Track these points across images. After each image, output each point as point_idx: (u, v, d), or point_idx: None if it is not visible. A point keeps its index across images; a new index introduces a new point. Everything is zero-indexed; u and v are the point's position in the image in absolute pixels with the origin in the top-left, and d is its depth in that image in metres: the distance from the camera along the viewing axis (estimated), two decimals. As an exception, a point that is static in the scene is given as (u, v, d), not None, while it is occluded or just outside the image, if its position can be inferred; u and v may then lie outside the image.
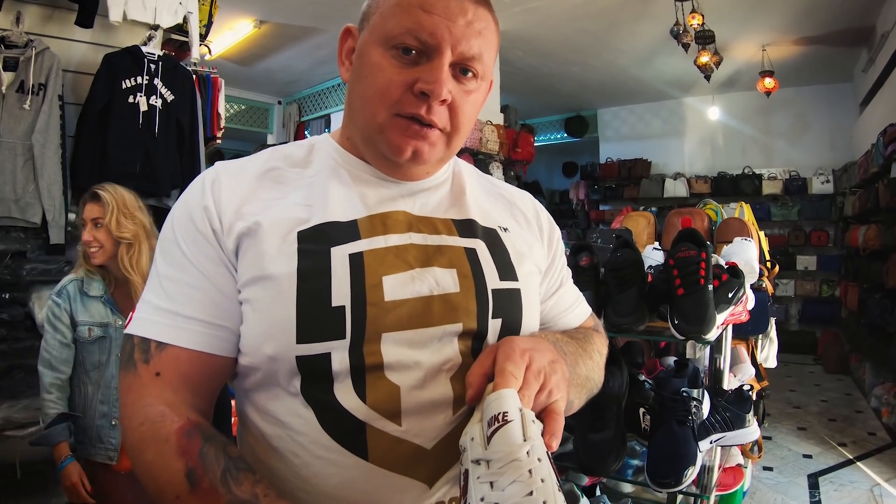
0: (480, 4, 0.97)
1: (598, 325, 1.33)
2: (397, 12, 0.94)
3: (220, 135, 3.85)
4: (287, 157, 1.08)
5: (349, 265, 0.93)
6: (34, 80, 2.99)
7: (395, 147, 0.97)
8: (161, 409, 0.90)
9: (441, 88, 0.93)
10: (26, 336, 3.01)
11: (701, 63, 6.70)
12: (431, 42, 0.93)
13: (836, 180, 8.67)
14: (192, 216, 0.97)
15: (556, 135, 11.80)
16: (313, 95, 9.27)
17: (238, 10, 6.33)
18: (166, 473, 0.85)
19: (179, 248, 0.97)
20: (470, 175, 1.19)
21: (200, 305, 0.94)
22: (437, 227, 1.03)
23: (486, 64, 0.99)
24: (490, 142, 6.80)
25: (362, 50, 0.99)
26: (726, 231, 3.05)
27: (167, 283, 0.96)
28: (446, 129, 0.99)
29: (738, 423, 2.27)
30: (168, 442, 0.86)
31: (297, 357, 0.89)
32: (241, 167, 1.04)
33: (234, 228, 0.95)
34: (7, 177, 2.91)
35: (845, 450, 5.01)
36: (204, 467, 0.84)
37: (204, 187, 0.99)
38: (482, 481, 0.71)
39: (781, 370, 4.66)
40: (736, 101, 9.40)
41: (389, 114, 0.96)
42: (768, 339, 3.27)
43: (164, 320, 0.94)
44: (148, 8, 3.38)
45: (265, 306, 0.92)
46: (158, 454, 0.86)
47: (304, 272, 0.91)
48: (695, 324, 1.94)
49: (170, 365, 0.92)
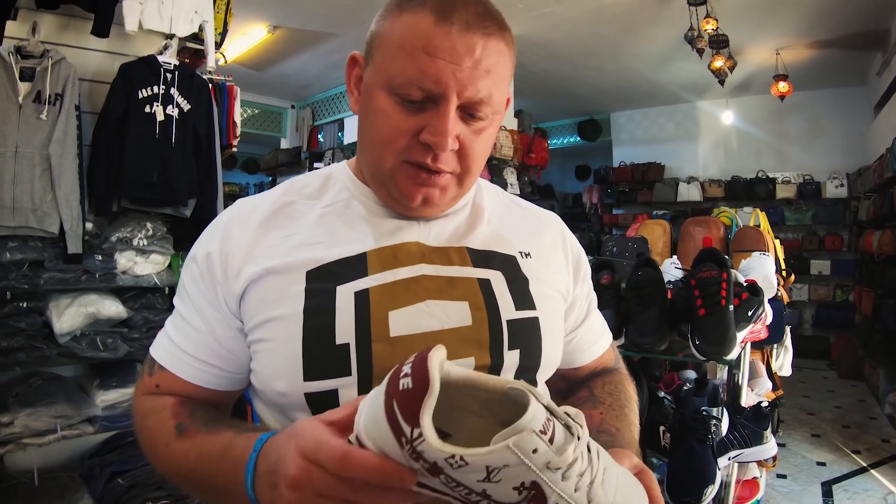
0: (491, 34, 0.91)
1: (618, 359, 1.32)
2: (400, 55, 0.90)
3: (235, 143, 3.85)
4: (304, 188, 1.10)
5: (354, 302, 0.93)
6: (51, 91, 3.00)
7: (404, 194, 0.98)
8: (163, 397, 1.02)
9: (446, 141, 0.90)
10: (44, 345, 3.03)
11: (715, 68, 6.67)
12: (436, 90, 0.89)
13: (851, 184, 8.59)
14: (197, 259, 1.03)
15: (570, 138, 11.75)
16: (327, 100, 9.27)
17: (252, 16, 6.35)
18: (161, 429, 0.96)
19: (185, 288, 1.05)
20: (492, 197, 1.18)
21: (195, 344, 1.02)
22: (451, 258, 1.02)
23: (496, 102, 0.95)
24: (504, 147, 6.79)
25: (367, 91, 0.97)
26: (743, 240, 3.04)
27: (177, 317, 1.06)
28: (455, 172, 0.97)
29: (755, 440, 2.27)
30: (165, 409, 0.99)
31: (305, 394, 0.91)
32: (255, 206, 1.07)
33: (243, 273, 0.98)
34: (25, 186, 2.92)
35: (859, 457, 4.97)
36: (191, 421, 0.95)
37: (214, 232, 1.04)
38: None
39: (795, 376, 4.63)
40: (750, 105, 9.34)
41: (398, 161, 0.95)
42: (783, 348, 3.26)
43: (168, 348, 1.04)
44: (164, 17, 3.39)
45: (273, 346, 0.95)
46: (157, 419, 0.98)
47: (309, 311, 0.93)
48: (716, 345, 1.94)
49: (167, 383, 1.03)
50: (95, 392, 3.18)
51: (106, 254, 3.18)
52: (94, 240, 3.16)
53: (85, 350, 3.09)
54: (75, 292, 3.13)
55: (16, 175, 2.90)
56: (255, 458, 0.78)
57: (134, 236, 3.22)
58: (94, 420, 3.12)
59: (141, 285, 3.30)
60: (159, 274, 3.34)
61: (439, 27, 0.88)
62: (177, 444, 0.92)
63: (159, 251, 3.31)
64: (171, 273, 3.40)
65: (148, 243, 3.26)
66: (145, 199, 3.25)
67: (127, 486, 2.92)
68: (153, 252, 3.29)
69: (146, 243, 3.25)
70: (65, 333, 3.03)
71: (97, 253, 3.16)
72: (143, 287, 3.32)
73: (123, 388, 3.21)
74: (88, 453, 3.25)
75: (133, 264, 3.24)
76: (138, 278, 3.28)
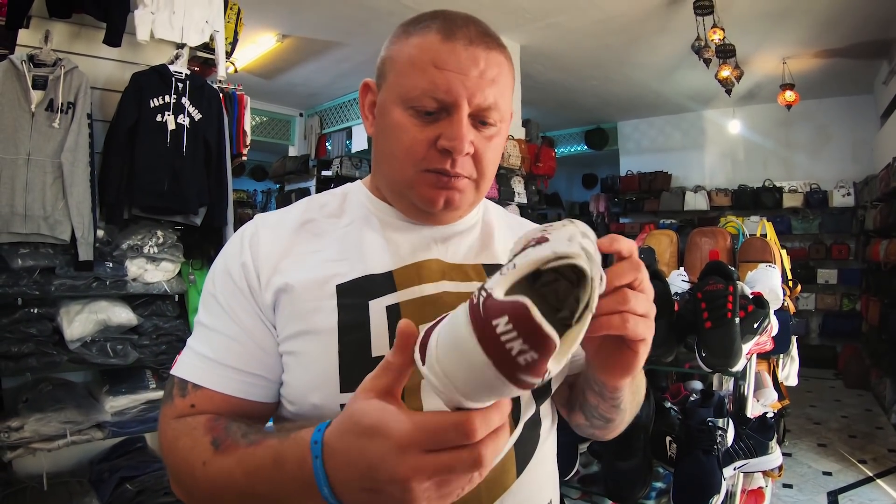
0: (492, 48, 0.99)
1: None
2: (412, 72, 0.97)
3: (245, 151, 3.87)
4: (323, 206, 1.13)
5: (387, 317, 0.96)
6: (63, 99, 3.02)
7: (427, 200, 1.02)
8: (196, 417, 0.96)
9: (462, 144, 0.96)
10: (54, 351, 3.04)
11: (722, 77, 6.69)
12: (448, 99, 0.95)
13: (858, 193, 8.60)
14: (230, 272, 1.03)
15: (577, 147, 11.78)
16: (335, 108, 9.32)
17: (261, 25, 6.40)
18: (196, 447, 0.90)
19: (218, 302, 1.03)
20: (498, 217, 1.23)
21: (236, 356, 1.00)
22: (469, 275, 1.06)
23: (503, 109, 1.01)
24: (512, 157, 6.81)
25: (383, 108, 1.03)
26: (749, 251, 3.05)
27: (208, 332, 1.03)
28: (473, 177, 1.02)
29: (761, 451, 2.27)
30: (198, 427, 0.92)
31: (341, 405, 0.91)
32: (279, 220, 1.09)
33: (271, 283, 1.00)
34: (36, 194, 2.94)
35: (865, 467, 4.97)
36: (227, 434, 0.89)
37: (243, 243, 1.05)
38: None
39: (802, 385, 4.62)
40: (756, 114, 9.36)
41: (417, 170, 1.00)
42: (789, 358, 3.25)
43: (203, 365, 1.00)
44: (175, 27, 3.41)
45: (309, 359, 0.96)
46: (190, 437, 0.92)
47: (344, 326, 0.95)
48: (722, 357, 1.95)
49: (204, 402, 0.98)
50: (105, 398, 3.19)
51: (116, 261, 3.20)
52: (105, 247, 3.17)
53: (95, 356, 3.10)
54: (86, 299, 3.15)
55: (28, 182, 2.92)
56: (321, 466, 0.71)
57: (144, 244, 3.24)
58: (103, 426, 3.12)
59: (151, 293, 3.31)
60: (169, 281, 3.36)
61: (445, 44, 0.96)
62: (216, 462, 0.87)
63: (169, 259, 3.32)
64: (180, 281, 3.42)
65: (158, 251, 3.27)
66: (156, 207, 3.27)
67: (135, 492, 2.94)
68: (163, 260, 3.30)
69: (156, 251, 3.27)
70: (75, 340, 3.04)
71: (108, 260, 3.17)
72: (154, 294, 3.33)
73: (133, 395, 3.22)
74: (97, 458, 3.26)
75: (143, 272, 3.26)
76: (148, 286, 3.29)
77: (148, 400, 3.25)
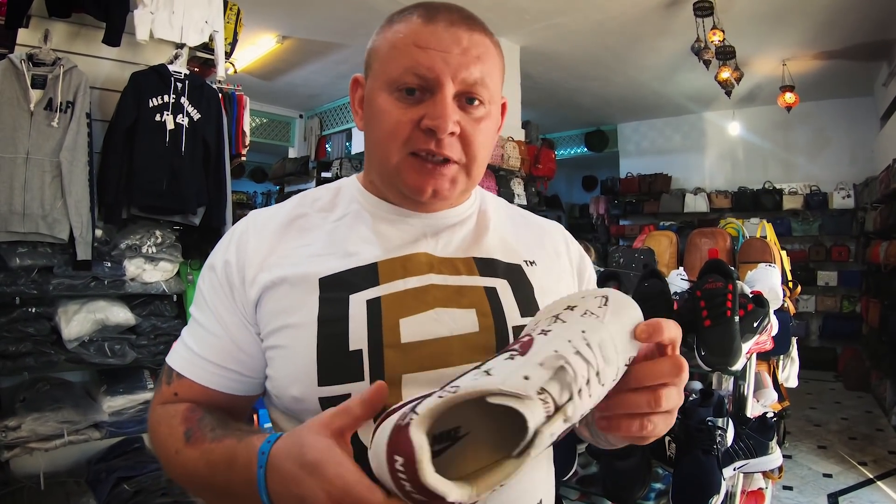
0: (475, 30, 0.99)
1: None
2: (395, 55, 0.98)
3: (244, 152, 3.86)
4: (316, 200, 1.14)
5: (366, 310, 0.96)
6: (62, 98, 3.02)
7: (414, 188, 1.01)
8: (177, 405, 1.02)
9: (446, 122, 0.94)
10: (52, 350, 3.03)
11: (722, 79, 6.68)
12: (431, 76, 0.95)
13: (858, 195, 8.61)
14: (214, 268, 1.07)
15: (577, 149, 11.79)
16: (335, 109, 9.33)
17: (261, 26, 6.40)
18: (172, 435, 0.97)
19: (203, 297, 1.07)
20: (496, 209, 1.21)
21: (215, 351, 1.04)
22: (458, 268, 1.05)
23: (491, 88, 1.01)
24: (511, 158, 6.79)
25: (369, 97, 1.03)
26: (749, 252, 3.05)
27: (195, 326, 1.08)
28: (462, 161, 1.01)
29: (760, 451, 2.27)
30: (176, 415, 0.99)
31: (319, 398, 0.93)
32: (270, 216, 1.11)
33: (257, 280, 1.01)
34: (35, 193, 2.93)
35: (866, 469, 4.97)
36: (199, 427, 0.95)
37: (231, 240, 1.08)
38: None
39: (802, 387, 4.62)
40: (756, 116, 9.37)
41: (403, 153, 0.99)
42: (790, 359, 3.25)
43: (187, 356, 1.05)
44: (174, 27, 3.41)
45: (290, 352, 0.97)
46: (168, 426, 0.99)
47: (324, 319, 0.96)
48: (721, 356, 1.95)
49: (185, 391, 1.04)
50: (102, 398, 3.18)
51: (115, 261, 3.19)
52: (104, 247, 3.17)
53: (93, 356, 3.09)
54: (84, 298, 3.14)
55: (26, 181, 2.92)
56: (263, 476, 0.77)
57: (143, 244, 3.23)
58: (100, 426, 3.12)
59: (149, 292, 3.30)
60: (168, 281, 3.35)
61: (427, 26, 0.97)
62: (186, 452, 0.93)
63: (168, 259, 3.31)
64: (179, 281, 3.41)
65: (157, 251, 3.27)
66: (155, 206, 3.26)
67: (132, 492, 2.93)
68: (162, 259, 3.30)
69: (155, 251, 3.26)
70: (73, 339, 3.03)
71: (106, 260, 3.17)
72: (152, 294, 3.33)
73: (130, 395, 3.22)
74: (94, 458, 3.25)
75: (142, 271, 3.25)
76: (147, 285, 3.28)
77: (145, 400, 3.24)
